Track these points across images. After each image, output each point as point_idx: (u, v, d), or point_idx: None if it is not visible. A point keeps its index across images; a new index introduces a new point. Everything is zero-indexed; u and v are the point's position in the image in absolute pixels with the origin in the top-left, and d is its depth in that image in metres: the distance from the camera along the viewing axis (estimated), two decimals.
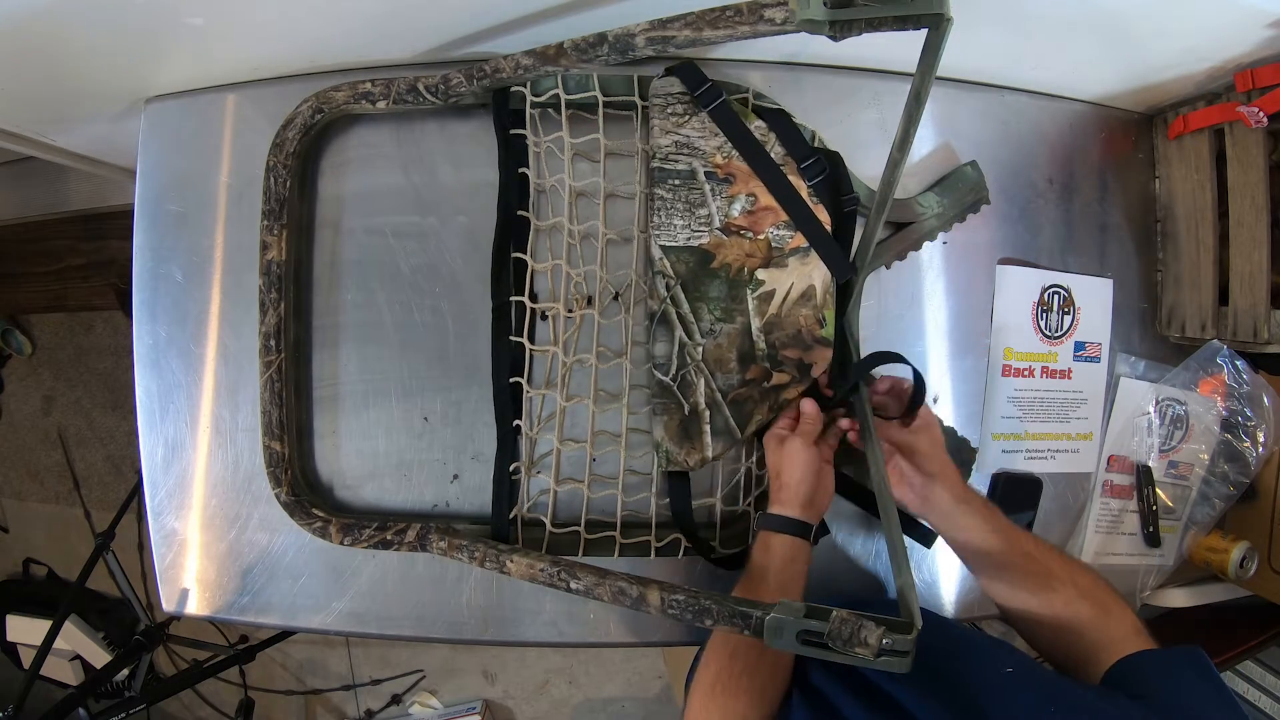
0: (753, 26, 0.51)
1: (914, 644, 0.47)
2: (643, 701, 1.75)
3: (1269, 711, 0.93)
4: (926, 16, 0.45)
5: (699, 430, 0.68)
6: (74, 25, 0.60)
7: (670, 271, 0.68)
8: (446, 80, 0.65)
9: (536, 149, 0.70)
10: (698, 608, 0.54)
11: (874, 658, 0.47)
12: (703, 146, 0.68)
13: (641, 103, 0.69)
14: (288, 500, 0.68)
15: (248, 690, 1.46)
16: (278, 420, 0.68)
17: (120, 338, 1.73)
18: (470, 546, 0.64)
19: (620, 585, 0.57)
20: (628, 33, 0.56)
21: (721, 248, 0.68)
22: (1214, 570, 0.85)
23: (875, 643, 0.47)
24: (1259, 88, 0.69)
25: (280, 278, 0.68)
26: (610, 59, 0.58)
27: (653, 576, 0.58)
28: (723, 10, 0.52)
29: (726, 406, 0.68)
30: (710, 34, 0.53)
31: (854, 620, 0.48)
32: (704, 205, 0.68)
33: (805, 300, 0.69)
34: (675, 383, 0.68)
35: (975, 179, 0.77)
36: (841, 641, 0.47)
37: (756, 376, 0.68)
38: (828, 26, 0.47)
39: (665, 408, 0.68)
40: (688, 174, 0.68)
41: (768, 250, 0.69)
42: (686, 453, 0.68)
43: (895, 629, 0.47)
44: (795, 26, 0.49)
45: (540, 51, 0.61)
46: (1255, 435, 0.84)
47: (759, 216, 0.69)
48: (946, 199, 0.76)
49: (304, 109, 0.67)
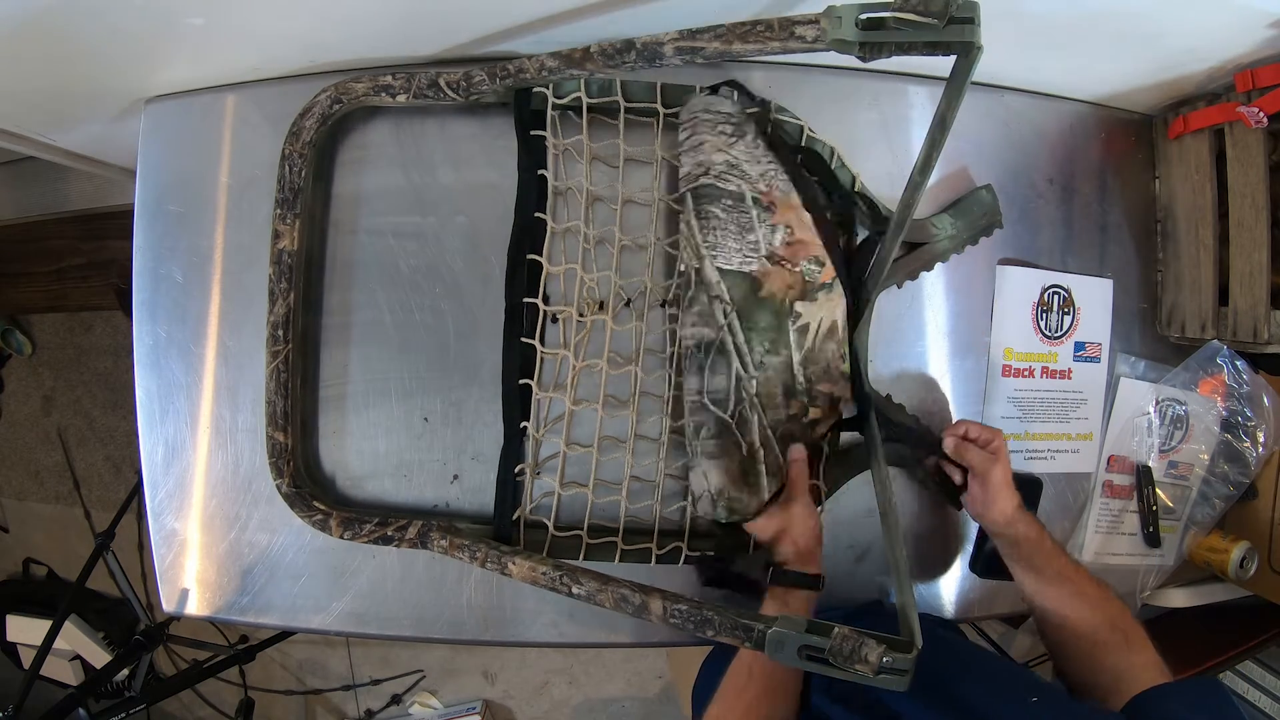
0: (783, 43, 0.51)
1: (914, 663, 0.47)
2: (643, 701, 1.75)
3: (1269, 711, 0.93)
4: (957, 45, 0.45)
5: (756, 472, 0.64)
6: (74, 25, 0.60)
7: (728, 296, 0.64)
8: (469, 77, 0.64)
9: (555, 151, 0.69)
10: (700, 618, 0.54)
11: (874, 675, 0.47)
12: (749, 171, 0.66)
13: (664, 111, 0.69)
14: (289, 492, 0.68)
15: (248, 690, 1.46)
16: (282, 411, 0.68)
17: (120, 338, 1.73)
18: (472, 546, 0.63)
19: (623, 593, 0.57)
20: (656, 41, 0.55)
21: (768, 277, 0.66)
22: (1214, 570, 0.85)
23: (875, 660, 0.47)
24: (1259, 88, 0.69)
25: (291, 268, 0.67)
26: (637, 66, 0.57)
27: (653, 583, 0.58)
28: (754, 25, 0.51)
29: (776, 444, 0.65)
30: (740, 48, 0.52)
31: (855, 637, 0.48)
32: (752, 231, 0.66)
33: (831, 335, 0.68)
34: (733, 419, 0.64)
35: (990, 203, 0.77)
36: (842, 658, 0.48)
37: (797, 412, 0.67)
38: (858, 48, 0.47)
39: (723, 449, 0.64)
40: (738, 196, 0.66)
41: (803, 283, 0.67)
42: (748, 498, 0.64)
43: (895, 647, 0.47)
44: (826, 46, 0.49)
45: (566, 54, 0.60)
46: (1255, 435, 0.84)
47: (795, 248, 0.67)
48: (961, 222, 0.76)
49: (323, 98, 0.67)
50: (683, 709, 0.84)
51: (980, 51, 0.45)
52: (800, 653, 0.49)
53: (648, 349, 0.71)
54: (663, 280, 0.71)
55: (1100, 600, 0.61)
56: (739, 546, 0.70)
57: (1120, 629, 0.58)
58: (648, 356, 0.71)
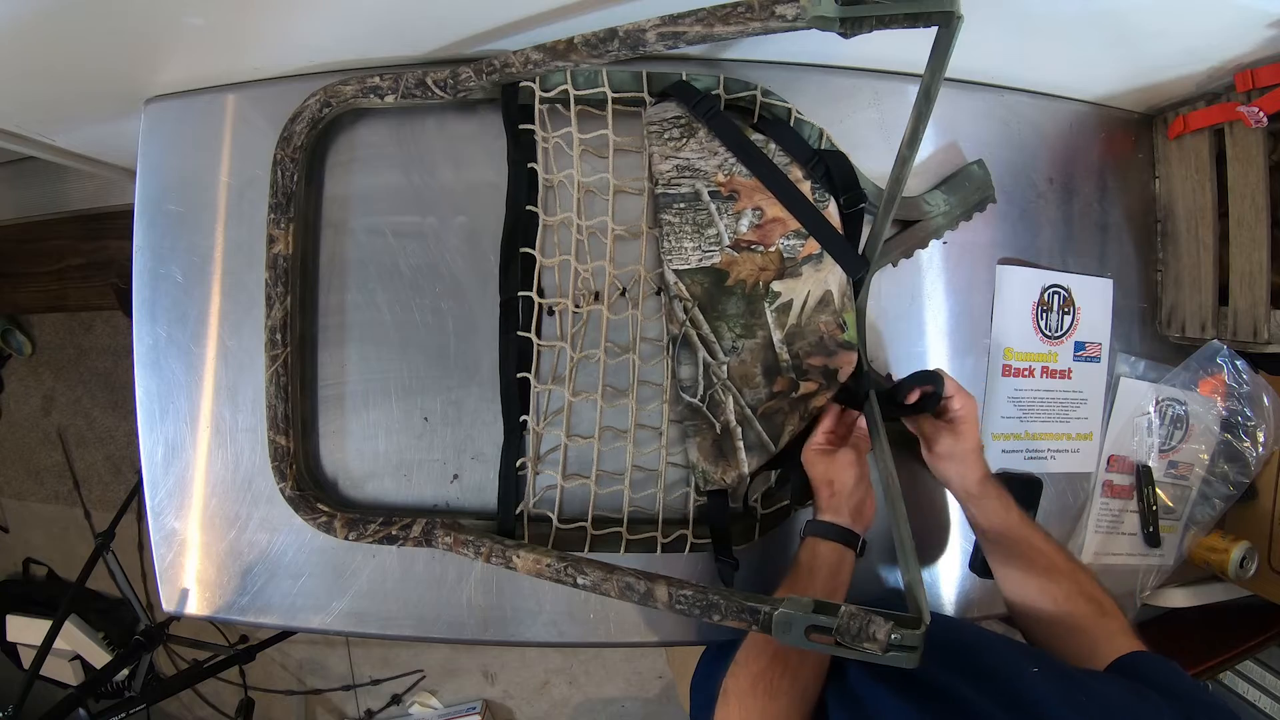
0: (764, 23, 0.51)
1: (922, 639, 0.47)
2: (643, 701, 1.75)
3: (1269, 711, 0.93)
4: (937, 14, 0.45)
5: (733, 448, 0.68)
6: (74, 25, 0.60)
7: (686, 294, 0.68)
8: (455, 75, 0.65)
9: (545, 144, 0.70)
10: (705, 603, 0.54)
11: (882, 653, 0.47)
12: (703, 167, 0.68)
13: (651, 99, 0.69)
14: (292, 495, 0.68)
15: (248, 690, 1.46)
16: (283, 414, 0.68)
17: (120, 338, 1.73)
18: (476, 542, 0.63)
19: (628, 580, 0.57)
20: (639, 28, 0.56)
21: (734, 264, 0.68)
22: (1214, 570, 0.85)
23: (884, 638, 0.47)
24: (1259, 88, 0.69)
25: (286, 272, 0.68)
26: (621, 54, 0.58)
27: (659, 572, 0.58)
28: (734, 6, 0.52)
29: (757, 421, 0.68)
30: (721, 30, 0.53)
31: (862, 615, 0.47)
32: (711, 225, 0.68)
33: (824, 306, 0.69)
34: (704, 403, 0.68)
35: (982, 177, 0.77)
36: (850, 637, 0.47)
37: (783, 388, 0.68)
38: (838, 24, 0.47)
39: (697, 429, 0.69)
40: (692, 196, 0.68)
41: (780, 262, 0.69)
42: (723, 471, 0.68)
43: (903, 624, 0.47)
44: (806, 23, 0.49)
45: (550, 47, 0.61)
46: (1255, 435, 0.84)
47: (768, 229, 0.69)
48: (954, 197, 0.76)
49: (312, 102, 0.67)
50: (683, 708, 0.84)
51: (961, 21, 0.45)
52: (807, 633, 0.49)
53: (644, 337, 0.72)
54: (656, 268, 0.72)
55: (1071, 571, 0.61)
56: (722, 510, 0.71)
57: (1094, 598, 0.59)
58: (644, 344, 0.72)
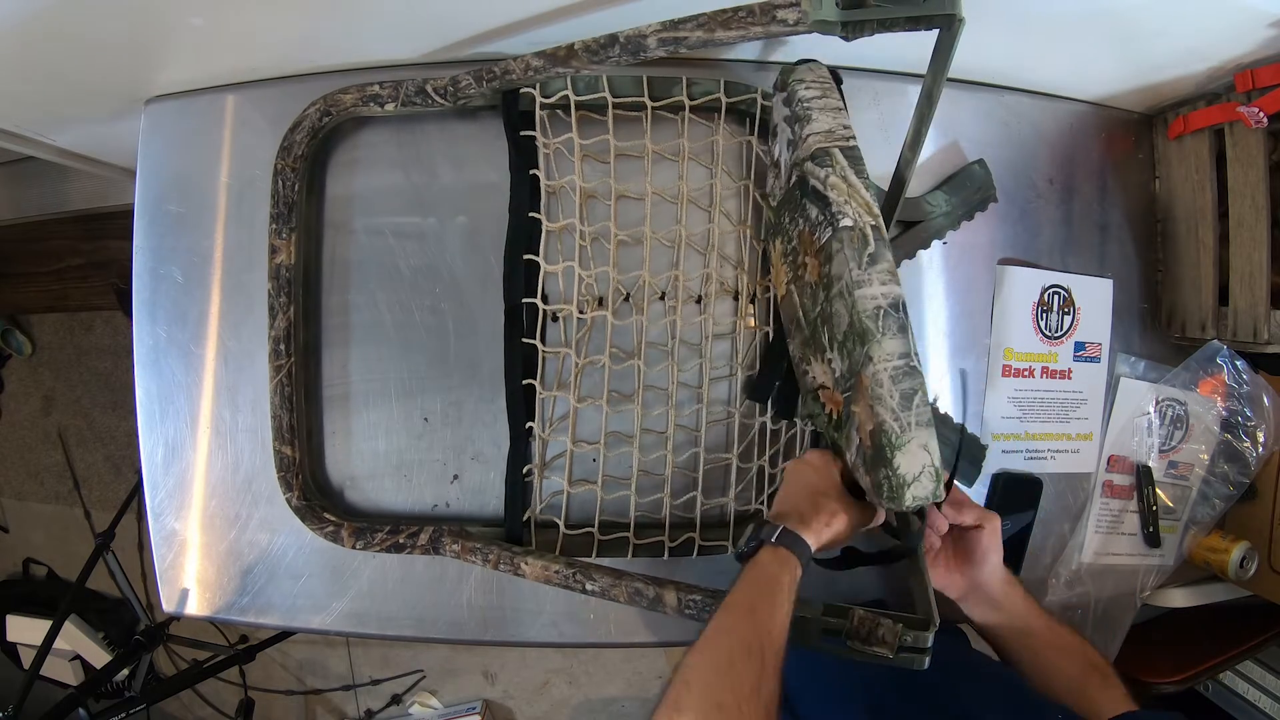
0: (765, 27, 0.51)
1: (932, 640, 0.47)
2: (643, 701, 1.74)
3: (1269, 711, 0.93)
4: (939, 17, 0.45)
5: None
6: (74, 25, 0.60)
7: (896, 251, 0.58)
8: (455, 82, 0.64)
9: (546, 150, 0.69)
10: (715, 608, 0.54)
11: (893, 655, 0.47)
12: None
13: (652, 104, 0.69)
14: (299, 505, 0.68)
15: (248, 690, 1.46)
16: (288, 425, 0.68)
17: (120, 338, 1.72)
18: (484, 549, 0.63)
19: (636, 586, 0.57)
20: (639, 34, 0.56)
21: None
22: (1214, 570, 0.85)
23: (894, 639, 0.47)
24: (1259, 88, 0.69)
25: (290, 281, 0.68)
26: (622, 60, 0.57)
27: (667, 577, 0.58)
28: (735, 11, 0.52)
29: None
30: (722, 35, 0.53)
31: (872, 618, 0.48)
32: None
33: None
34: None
35: (983, 177, 0.77)
36: (860, 639, 0.47)
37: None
38: (840, 27, 0.47)
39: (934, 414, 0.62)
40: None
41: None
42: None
43: (912, 625, 0.47)
44: (808, 27, 0.49)
45: (551, 53, 0.60)
46: (1255, 435, 0.83)
47: None
48: (955, 197, 0.76)
49: (312, 112, 0.67)
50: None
51: (962, 24, 0.45)
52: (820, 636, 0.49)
53: (649, 343, 0.71)
54: (662, 273, 0.71)
55: (1078, 647, 0.62)
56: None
57: (1098, 669, 0.61)
58: (649, 350, 0.71)
